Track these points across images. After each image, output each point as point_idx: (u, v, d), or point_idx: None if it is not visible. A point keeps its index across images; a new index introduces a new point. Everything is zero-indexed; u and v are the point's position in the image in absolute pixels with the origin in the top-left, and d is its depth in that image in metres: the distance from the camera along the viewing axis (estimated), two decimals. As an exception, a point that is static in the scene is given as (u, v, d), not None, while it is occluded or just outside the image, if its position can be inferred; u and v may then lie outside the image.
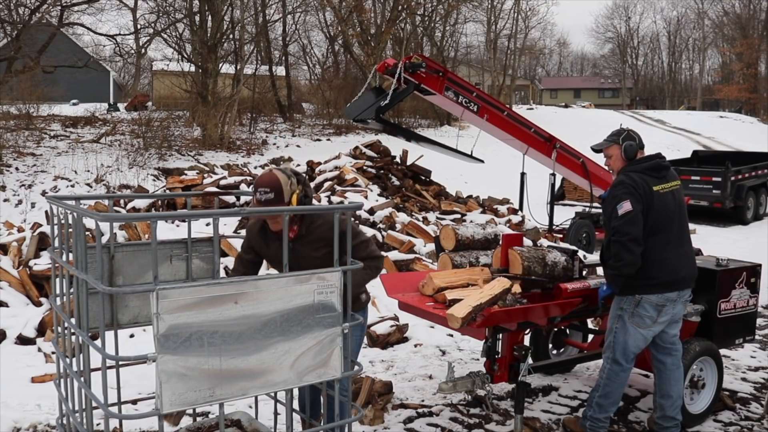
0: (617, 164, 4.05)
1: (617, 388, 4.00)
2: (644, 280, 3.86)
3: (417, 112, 26.64)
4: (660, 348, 4.06)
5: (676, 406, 4.06)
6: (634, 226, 3.77)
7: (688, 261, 4.00)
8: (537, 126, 9.93)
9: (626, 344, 3.95)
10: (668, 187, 3.94)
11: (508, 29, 38.43)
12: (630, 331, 3.93)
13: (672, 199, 3.94)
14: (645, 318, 3.90)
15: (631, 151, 3.99)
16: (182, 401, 2.35)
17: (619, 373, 3.99)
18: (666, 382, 4.05)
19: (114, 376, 3.24)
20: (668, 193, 3.93)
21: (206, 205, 7.85)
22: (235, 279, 2.49)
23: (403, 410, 4.55)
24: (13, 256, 6.52)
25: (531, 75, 68.33)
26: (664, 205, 3.88)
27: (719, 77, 57.79)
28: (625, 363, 3.98)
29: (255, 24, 24.01)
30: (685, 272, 3.95)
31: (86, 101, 29.89)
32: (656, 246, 3.86)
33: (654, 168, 3.96)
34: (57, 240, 3.10)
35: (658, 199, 3.87)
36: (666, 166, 4.03)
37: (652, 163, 3.98)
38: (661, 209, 3.87)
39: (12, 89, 18.71)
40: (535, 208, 10.92)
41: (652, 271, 3.86)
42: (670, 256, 3.88)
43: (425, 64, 8.51)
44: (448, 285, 4.20)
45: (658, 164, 3.99)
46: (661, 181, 3.93)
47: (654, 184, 3.89)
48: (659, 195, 3.88)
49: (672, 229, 3.91)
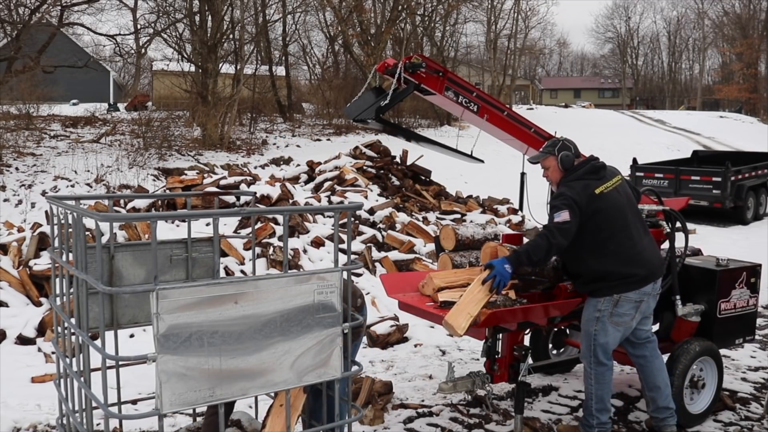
0: (555, 175, 4.04)
1: (607, 387, 4.00)
2: (623, 279, 3.88)
3: (417, 112, 26.63)
4: (635, 345, 4.09)
5: (666, 395, 4.06)
6: (564, 236, 3.76)
7: (653, 250, 4.04)
8: (537, 126, 9.90)
9: (607, 344, 3.95)
10: (611, 185, 3.95)
11: (508, 29, 38.45)
12: (610, 331, 3.93)
13: (618, 195, 3.95)
14: (624, 316, 3.92)
15: (567, 162, 3.96)
16: (182, 401, 2.35)
17: (605, 373, 3.99)
18: (650, 374, 4.08)
19: (114, 376, 3.24)
20: (612, 191, 3.94)
21: (206, 205, 7.85)
22: (235, 279, 2.49)
23: (403, 410, 4.55)
24: (13, 256, 6.52)
25: (531, 75, 68.35)
26: (612, 203, 3.90)
27: (719, 77, 57.81)
28: (608, 362, 4.00)
29: (255, 24, 24.01)
30: (655, 261, 4.00)
31: (86, 101, 29.90)
32: (624, 243, 3.88)
33: (591, 171, 3.95)
34: (57, 240, 3.10)
35: (605, 200, 3.88)
36: (602, 165, 4.02)
37: (588, 167, 3.96)
38: (612, 207, 3.89)
39: (12, 89, 18.70)
40: (535, 208, 10.86)
41: (631, 268, 3.88)
42: (639, 250, 3.91)
43: (425, 64, 8.48)
44: (447, 285, 4.20)
45: (593, 167, 3.98)
46: (602, 181, 3.94)
47: (595, 187, 3.89)
48: (604, 196, 3.89)
49: (629, 222, 3.93)
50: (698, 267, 4.61)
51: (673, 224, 4.46)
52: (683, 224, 4.49)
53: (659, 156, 20.03)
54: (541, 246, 3.77)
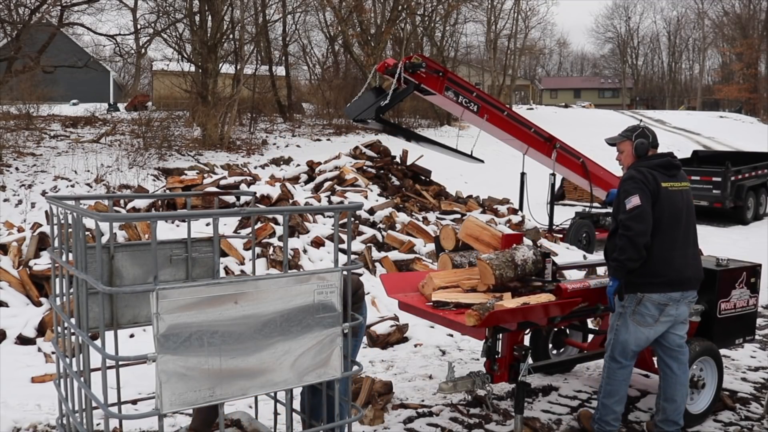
0: (628, 160, 4.07)
1: (618, 386, 3.99)
2: (648, 278, 3.85)
3: (417, 112, 26.63)
4: (666, 350, 4.03)
5: (679, 411, 4.02)
6: (640, 222, 3.74)
7: (694, 262, 3.98)
8: (537, 126, 9.93)
9: (626, 342, 3.95)
10: (677, 186, 3.92)
11: (508, 29, 38.44)
12: (631, 329, 3.93)
13: (681, 198, 3.92)
14: (646, 316, 3.89)
15: (641, 149, 3.98)
16: (182, 401, 2.35)
17: (617, 371, 3.99)
18: (671, 386, 4.02)
19: (114, 376, 3.24)
20: (677, 192, 3.91)
21: (206, 205, 7.85)
22: (235, 279, 2.49)
23: (403, 410, 4.55)
24: (13, 256, 6.52)
25: (531, 75, 68.35)
26: (672, 202, 3.87)
27: (719, 77, 57.81)
28: (624, 360, 3.97)
29: (255, 24, 24.02)
30: (690, 272, 3.93)
31: (86, 101, 29.90)
32: (662, 243, 3.85)
33: (664, 165, 3.94)
34: (57, 240, 3.10)
35: (666, 196, 3.86)
36: (677, 165, 4.00)
37: (662, 161, 3.96)
38: (669, 206, 3.86)
39: (12, 89, 18.70)
40: (535, 208, 10.92)
41: (657, 268, 3.84)
42: (676, 255, 3.87)
43: (425, 64, 8.51)
44: (448, 285, 4.20)
45: (668, 162, 3.97)
46: (671, 179, 3.91)
47: (663, 181, 3.87)
48: (668, 192, 3.87)
49: (679, 227, 3.89)
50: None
51: None
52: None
53: (659, 156, 19.98)
54: (623, 247, 3.76)
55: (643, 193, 3.78)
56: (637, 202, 3.74)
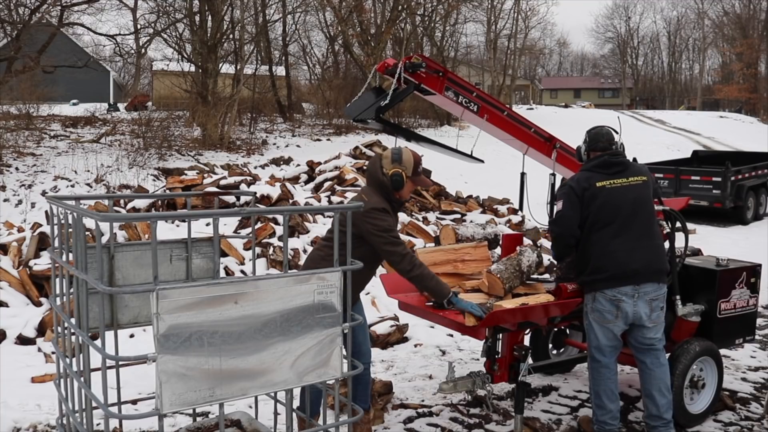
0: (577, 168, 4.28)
1: (603, 384, 3.99)
2: (594, 275, 3.92)
3: (417, 112, 26.63)
4: (637, 348, 4.06)
5: (660, 405, 4.00)
6: (559, 225, 4.00)
7: (645, 255, 3.90)
8: (537, 126, 9.89)
9: (597, 340, 3.99)
10: (620, 182, 3.96)
11: (508, 29, 38.44)
12: (595, 327, 3.98)
13: (624, 192, 3.94)
14: (604, 313, 3.92)
15: (577, 155, 4.26)
16: (182, 401, 2.35)
17: (599, 369, 4.00)
18: (647, 381, 4.03)
19: (114, 376, 3.24)
20: (619, 187, 3.95)
21: (206, 205, 7.85)
22: (235, 279, 2.49)
23: (403, 410, 4.55)
24: (13, 256, 6.52)
25: (531, 75, 68.35)
26: (610, 199, 3.92)
27: (719, 77, 57.81)
28: (602, 358, 3.99)
29: (255, 24, 24.01)
30: (637, 265, 3.87)
31: (86, 101, 29.90)
32: (602, 239, 3.91)
33: (601, 165, 4.02)
34: (57, 240, 3.10)
35: (604, 194, 3.92)
36: (618, 162, 4.03)
37: (599, 161, 4.04)
38: (608, 203, 3.91)
39: (12, 89, 18.69)
40: (535, 208, 10.86)
41: (600, 264, 3.90)
42: (618, 249, 3.87)
43: (425, 64, 8.48)
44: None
45: (605, 161, 4.02)
46: (612, 176, 3.97)
47: (599, 181, 3.95)
48: (605, 190, 3.93)
49: (620, 222, 3.90)
50: (698, 267, 4.60)
51: (673, 224, 4.46)
52: (683, 224, 4.49)
53: (659, 156, 20.02)
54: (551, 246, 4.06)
55: (567, 198, 3.97)
56: (559, 207, 4.01)
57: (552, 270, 4.38)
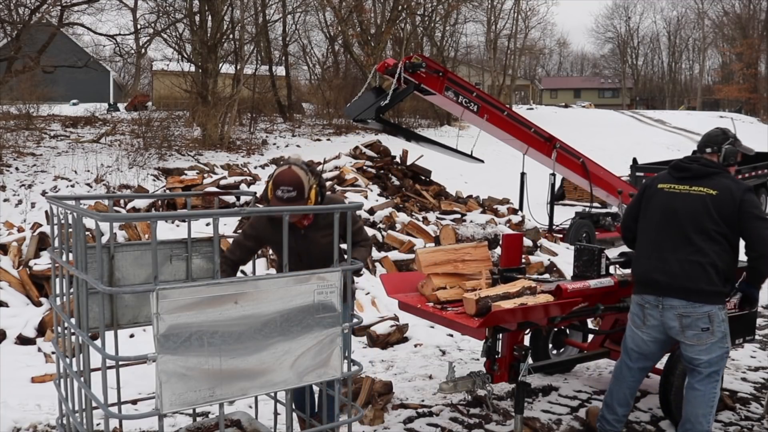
0: None
1: (619, 385, 3.97)
2: (633, 275, 4.00)
3: (417, 112, 26.63)
4: (687, 368, 3.87)
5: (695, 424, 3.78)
6: (622, 217, 4.24)
7: (672, 267, 3.68)
8: (537, 126, 9.93)
9: (626, 341, 3.99)
10: (680, 188, 3.78)
11: (508, 29, 38.49)
12: (628, 327, 3.99)
13: (678, 199, 3.76)
14: (634, 316, 3.92)
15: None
16: (182, 401, 2.35)
17: (621, 369, 4.00)
18: (687, 403, 3.85)
19: (114, 376, 3.24)
20: (675, 193, 3.78)
21: (206, 205, 7.85)
22: (235, 279, 2.49)
23: (403, 410, 4.55)
24: (13, 256, 6.52)
25: (531, 75, 68.35)
26: (662, 203, 3.80)
27: (719, 77, 57.82)
28: (627, 360, 3.97)
29: (255, 24, 24.00)
30: (659, 276, 3.71)
31: (86, 101, 29.89)
32: (642, 241, 3.93)
33: (674, 167, 3.94)
34: (57, 240, 3.10)
35: (658, 197, 3.85)
36: (687, 168, 3.83)
37: (674, 163, 3.99)
38: (657, 206, 3.82)
39: (12, 89, 18.69)
40: (535, 208, 10.91)
41: (634, 266, 3.96)
42: (649, 254, 3.81)
43: (425, 64, 8.51)
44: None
45: (677, 164, 3.92)
46: (677, 181, 3.82)
47: (662, 182, 3.89)
48: (662, 193, 3.83)
49: (662, 228, 3.78)
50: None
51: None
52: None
53: (659, 156, 20.01)
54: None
55: (637, 192, 4.10)
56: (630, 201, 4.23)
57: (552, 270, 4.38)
